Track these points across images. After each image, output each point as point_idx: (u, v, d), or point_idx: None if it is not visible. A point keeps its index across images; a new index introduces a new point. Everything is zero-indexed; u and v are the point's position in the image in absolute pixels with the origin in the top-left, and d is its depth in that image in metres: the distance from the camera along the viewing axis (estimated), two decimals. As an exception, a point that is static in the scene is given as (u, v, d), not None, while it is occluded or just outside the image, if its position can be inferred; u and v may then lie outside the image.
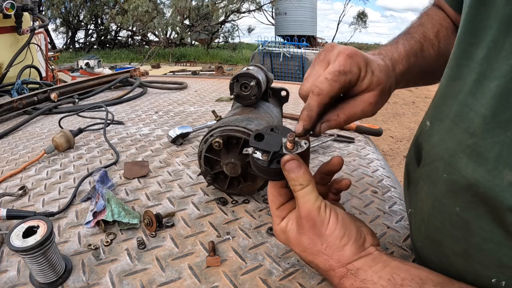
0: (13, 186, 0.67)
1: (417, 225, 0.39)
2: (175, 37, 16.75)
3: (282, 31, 17.23)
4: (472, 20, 0.33)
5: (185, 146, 0.88)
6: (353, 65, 0.39)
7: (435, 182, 0.34)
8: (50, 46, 9.14)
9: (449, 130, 0.33)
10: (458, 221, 0.31)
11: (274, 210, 0.40)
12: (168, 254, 0.47)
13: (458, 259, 0.32)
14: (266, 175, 0.39)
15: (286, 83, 2.24)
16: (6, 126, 1.09)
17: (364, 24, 24.97)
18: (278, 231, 0.40)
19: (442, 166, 0.33)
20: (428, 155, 0.37)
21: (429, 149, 0.37)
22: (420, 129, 0.41)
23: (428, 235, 0.36)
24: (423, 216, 0.37)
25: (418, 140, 0.41)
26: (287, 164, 0.36)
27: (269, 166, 0.37)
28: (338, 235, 0.35)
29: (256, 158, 0.37)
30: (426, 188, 0.36)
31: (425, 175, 0.37)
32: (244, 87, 0.64)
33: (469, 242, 0.30)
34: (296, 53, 8.11)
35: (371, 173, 0.73)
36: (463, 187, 0.30)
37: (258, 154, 0.37)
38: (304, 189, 0.36)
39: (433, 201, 0.35)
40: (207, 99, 1.47)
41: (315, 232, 0.35)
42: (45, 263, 0.39)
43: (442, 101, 0.37)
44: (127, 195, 0.63)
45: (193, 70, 9.71)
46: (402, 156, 4.21)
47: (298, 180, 0.36)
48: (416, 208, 0.39)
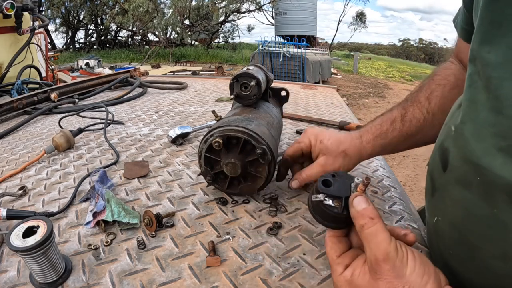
0: (13, 186, 0.67)
1: (447, 233, 0.38)
2: (175, 37, 16.75)
3: (282, 31, 17.24)
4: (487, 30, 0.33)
5: (185, 146, 0.88)
6: (304, 138, 0.62)
7: (467, 185, 0.34)
8: (50, 46, 9.13)
9: (476, 133, 0.33)
10: (496, 222, 0.31)
11: (334, 259, 0.37)
12: (168, 254, 0.47)
13: (496, 262, 0.31)
14: (333, 222, 0.37)
15: (286, 83, 2.24)
16: (6, 126, 1.09)
17: (363, 24, 24.98)
18: (341, 281, 0.36)
19: (473, 169, 0.33)
20: (456, 159, 0.36)
21: (457, 153, 0.36)
22: (445, 134, 0.41)
23: (463, 241, 0.35)
24: (455, 222, 0.36)
25: (443, 145, 0.40)
26: (355, 199, 0.35)
27: (342, 212, 0.36)
28: (419, 273, 0.32)
29: (328, 205, 0.36)
30: (457, 193, 0.36)
31: (454, 179, 0.36)
32: (244, 87, 0.64)
33: (507, 243, 0.30)
34: (296, 53, 8.11)
35: (371, 173, 0.73)
36: (499, 188, 0.30)
37: (328, 200, 0.36)
38: (375, 226, 0.33)
39: (466, 205, 0.34)
40: (207, 99, 1.47)
41: (395, 274, 0.32)
42: (45, 263, 0.39)
43: (466, 105, 0.36)
44: (127, 195, 0.63)
45: (193, 70, 9.72)
46: (402, 156, 4.21)
47: (368, 214, 0.34)
48: (446, 215, 0.39)
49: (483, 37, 0.33)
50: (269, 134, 0.58)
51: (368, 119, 0.71)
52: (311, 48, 11.71)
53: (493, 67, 0.31)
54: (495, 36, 0.31)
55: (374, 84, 10.47)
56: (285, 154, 0.63)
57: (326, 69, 9.37)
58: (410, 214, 0.58)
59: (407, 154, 4.29)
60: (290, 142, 0.91)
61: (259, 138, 0.55)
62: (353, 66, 13.78)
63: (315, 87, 1.85)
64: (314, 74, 8.32)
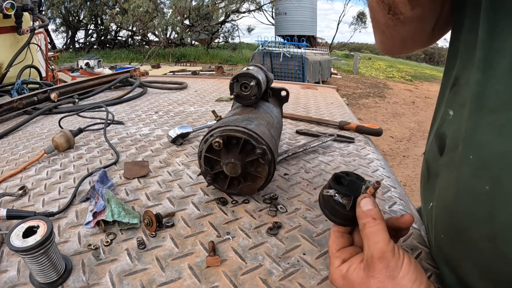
0: (13, 186, 0.67)
1: (439, 217, 0.39)
2: (175, 37, 16.75)
3: (282, 31, 17.24)
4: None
5: (185, 146, 0.88)
6: None
7: (460, 165, 0.34)
8: (50, 46, 9.13)
9: (471, 112, 0.34)
10: (484, 199, 0.31)
11: (334, 252, 0.39)
12: (168, 254, 0.47)
13: (485, 243, 0.31)
14: (339, 218, 0.39)
15: (286, 83, 2.24)
16: (6, 126, 1.09)
17: (363, 24, 24.98)
18: (336, 274, 0.37)
19: (466, 147, 0.34)
20: (452, 142, 0.37)
21: (454, 135, 0.37)
22: (442, 120, 0.42)
23: (453, 223, 0.36)
24: (447, 203, 0.37)
25: (440, 130, 0.41)
26: (363, 200, 0.37)
27: (349, 210, 0.38)
28: (411, 278, 0.33)
29: (337, 202, 0.38)
30: (449, 174, 0.37)
31: (448, 162, 0.37)
32: (244, 87, 0.64)
33: (495, 222, 0.30)
34: (296, 53, 8.11)
35: (371, 173, 0.73)
36: (492, 162, 0.30)
37: (338, 197, 0.38)
38: (376, 226, 0.35)
39: (458, 185, 0.35)
40: (207, 99, 1.47)
41: (388, 274, 0.33)
42: (45, 263, 0.39)
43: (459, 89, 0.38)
44: (127, 195, 0.63)
45: (193, 70, 9.71)
46: (402, 156, 4.21)
47: (372, 215, 0.36)
48: (438, 199, 0.39)
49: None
50: (269, 134, 0.58)
51: (368, 119, 0.71)
52: (311, 48, 11.71)
53: None
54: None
55: (374, 84, 10.47)
56: None
57: (326, 69, 9.37)
58: (411, 214, 0.57)
59: (407, 154, 4.29)
60: (290, 142, 0.91)
61: (259, 138, 0.55)
62: (353, 66, 13.78)
63: (315, 87, 1.85)
64: (314, 74, 8.32)
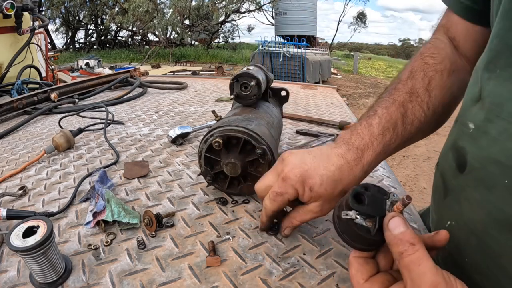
0: (13, 186, 0.67)
1: (463, 239, 0.36)
2: (175, 37, 16.75)
3: (282, 31, 17.24)
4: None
5: (185, 146, 0.88)
6: (287, 187, 0.44)
7: (491, 188, 0.31)
8: (50, 46, 9.14)
9: (503, 130, 0.31)
10: None
11: (361, 282, 0.32)
12: (168, 254, 0.47)
13: None
14: (363, 244, 0.33)
15: (286, 83, 2.24)
16: (6, 126, 1.09)
17: (363, 24, 25.00)
18: None
19: (499, 170, 0.30)
20: (477, 160, 0.34)
21: (478, 152, 0.34)
22: (460, 132, 0.38)
23: (482, 248, 0.33)
24: (475, 227, 0.34)
25: (458, 144, 0.38)
26: (392, 221, 0.30)
27: (375, 234, 0.31)
28: None
29: (360, 225, 0.31)
30: (478, 196, 0.33)
31: (475, 181, 0.34)
32: (244, 87, 0.64)
33: None
34: (296, 53, 8.11)
35: (371, 173, 0.72)
36: None
37: (360, 219, 0.31)
38: (417, 253, 0.28)
39: (489, 209, 0.32)
40: (207, 99, 1.47)
41: None
42: (45, 263, 0.39)
43: (489, 100, 0.34)
44: (127, 195, 0.63)
45: (193, 70, 9.71)
46: (402, 156, 4.21)
47: (408, 239, 0.28)
48: (462, 219, 0.36)
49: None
50: (269, 134, 0.58)
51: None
52: (311, 48, 11.72)
53: None
54: None
55: (374, 84, 10.47)
56: (268, 211, 0.47)
57: (326, 69, 9.38)
58: (410, 214, 0.57)
59: (407, 154, 4.29)
60: (290, 142, 0.91)
61: (259, 138, 0.55)
62: (353, 66, 13.79)
63: (315, 87, 1.85)
64: (314, 74, 8.32)
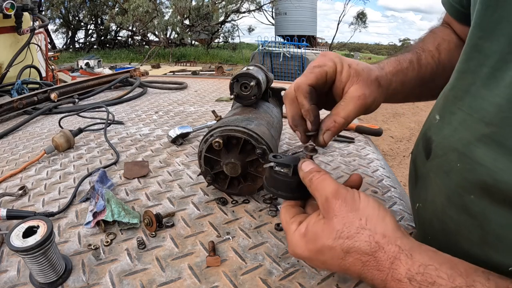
0: (13, 186, 0.67)
1: (428, 219, 0.39)
2: (175, 37, 16.75)
3: (282, 31, 17.23)
4: (483, 15, 0.33)
5: (185, 146, 0.88)
6: (326, 60, 0.42)
7: (448, 173, 0.34)
8: (50, 46, 9.13)
9: (462, 121, 0.34)
10: (475, 209, 0.31)
11: (288, 220, 0.37)
12: (168, 254, 0.47)
13: (474, 248, 0.31)
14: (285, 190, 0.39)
15: (286, 83, 2.23)
16: (6, 126, 1.09)
17: (363, 24, 24.99)
18: (296, 237, 0.34)
19: (455, 156, 0.33)
20: (440, 148, 0.37)
21: (440, 141, 0.37)
22: (429, 123, 0.42)
23: (442, 227, 0.36)
24: (436, 208, 0.37)
25: (427, 134, 0.41)
26: (303, 164, 0.37)
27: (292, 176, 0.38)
28: (374, 206, 0.32)
29: (278, 171, 0.39)
30: (438, 181, 0.36)
31: (437, 167, 0.37)
32: (244, 87, 0.64)
33: (485, 229, 0.30)
34: (296, 53, 8.10)
35: (371, 173, 0.73)
36: (479, 176, 0.30)
37: (279, 168, 0.39)
38: (322, 176, 0.35)
39: (447, 192, 0.35)
40: (207, 99, 1.47)
41: (348, 208, 0.32)
42: (45, 263, 0.39)
43: (452, 94, 0.38)
44: (127, 195, 0.63)
45: (193, 70, 9.72)
46: (402, 156, 4.21)
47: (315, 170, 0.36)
48: (427, 202, 0.39)
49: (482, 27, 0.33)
50: (269, 134, 0.58)
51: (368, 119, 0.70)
52: (311, 48, 11.71)
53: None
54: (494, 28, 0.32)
55: (374, 84, 10.47)
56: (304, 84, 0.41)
57: (326, 69, 9.36)
58: (410, 214, 0.57)
59: (407, 154, 4.29)
60: (290, 142, 0.91)
61: (259, 138, 0.55)
62: (353, 66, 13.75)
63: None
64: (314, 74, 8.30)
